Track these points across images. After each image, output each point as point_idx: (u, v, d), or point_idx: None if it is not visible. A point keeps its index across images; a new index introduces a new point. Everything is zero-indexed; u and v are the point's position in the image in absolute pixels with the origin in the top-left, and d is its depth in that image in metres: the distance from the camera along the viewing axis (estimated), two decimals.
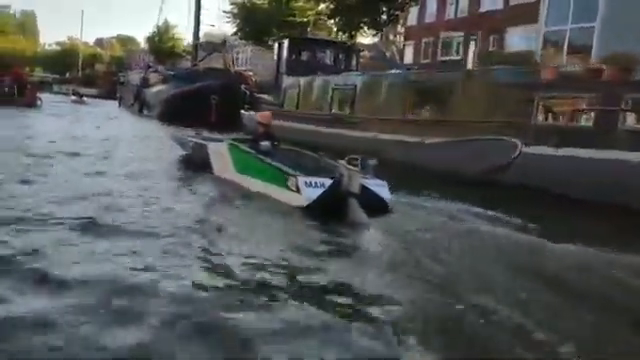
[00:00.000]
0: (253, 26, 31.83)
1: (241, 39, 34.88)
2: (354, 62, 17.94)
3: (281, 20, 30.48)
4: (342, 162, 5.02)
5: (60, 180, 5.96)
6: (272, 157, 5.73)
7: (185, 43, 57.66)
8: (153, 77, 26.01)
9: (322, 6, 28.64)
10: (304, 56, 17.20)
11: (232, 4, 32.42)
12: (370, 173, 5.38)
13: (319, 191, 4.89)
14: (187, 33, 41.98)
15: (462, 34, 33.66)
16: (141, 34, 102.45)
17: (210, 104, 18.63)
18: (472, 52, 31.98)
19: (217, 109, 18.58)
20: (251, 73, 25.35)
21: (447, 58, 32.96)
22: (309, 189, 4.93)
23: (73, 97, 34.96)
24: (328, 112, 13.60)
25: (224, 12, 32.97)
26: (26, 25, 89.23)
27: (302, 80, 15.33)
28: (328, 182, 4.92)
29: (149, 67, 29.21)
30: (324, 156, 5.83)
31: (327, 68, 16.65)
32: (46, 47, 78.45)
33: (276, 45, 18.01)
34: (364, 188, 4.93)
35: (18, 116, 16.94)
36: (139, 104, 24.56)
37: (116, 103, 34.30)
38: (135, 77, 30.91)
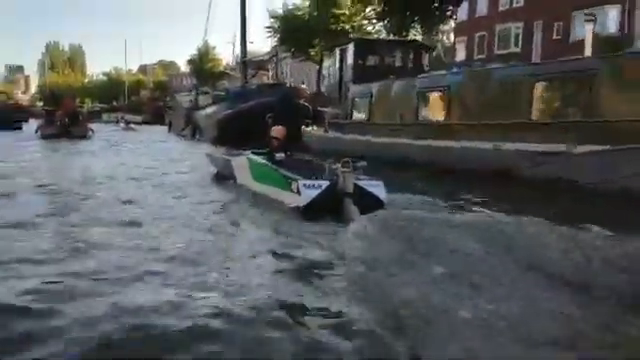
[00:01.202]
0: (294, 38, 30.77)
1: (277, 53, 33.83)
2: (426, 61, 15.79)
3: (325, 29, 29.28)
4: (337, 165, 5.59)
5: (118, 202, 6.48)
6: (284, 166, 6.41)
7: (224, 63, 57.66)
8: (203, 99, 24.83)
9: (369, 9, 27.24)
10: (370, 60, 15.21)
11: (272, 18, 31.29)
12: (361, 174, 5.78)
13: (316, 192, 5.47)
14: (225, 53, 41.45)
15: (520, 24, 31.15)
16: (180, 59, 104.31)
17: (266, 123, 17.20)
18: (535, 42, 29.61)
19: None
20: (304, 86, 23.74)
21: (505, 52, 30.50)
22: (307, 190, 5.52)
23: (122, 125, 35.54)
24: (413, 120, 11.51)
25: (265, 27, 32.00)
26: (75, 58, 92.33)
27: (374, 86, 13.32)
28: (325, 184, 5.53)
29: (197, 89, 28.45)
30: (330, 162, 6.08)
31: (397, 71, 14.57)
32: (93, 78, 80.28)
33: (337, 52, 16.13)
34: (359, 188, 5.46)
35: (72, 147, 17.37)
36: (191, 129, 23.29)
37: (162, 128, 33.73)
38: (183, 100, 29.96)
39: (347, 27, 28.97)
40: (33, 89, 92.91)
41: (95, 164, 11.74)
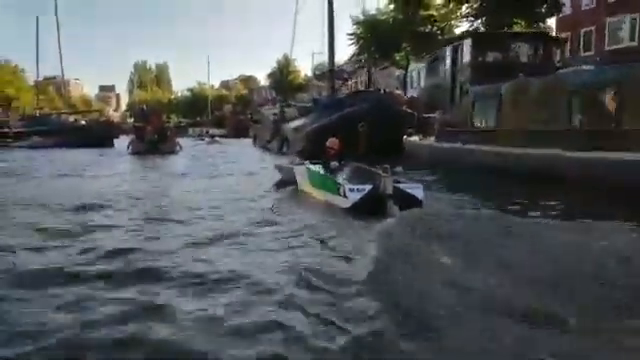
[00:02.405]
0: (378, 44, 29.09)
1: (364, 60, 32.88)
2: (557, 57, 13.28)
3: (411, 32, 27.51)
4: (379, 170, 6.25)
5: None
6: (337, 173, 7.54)
7: (302, 75, 57.24)
8: (290, 111, 23.68)
9: (465, 8, 25.02)
10: (490, 57, 13.01)
11: (355, 24, 29.89)
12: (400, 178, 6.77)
13: (359, 195, 6.22)
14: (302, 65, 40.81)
15: (637, 15, 27.42)
16: (259, 72, 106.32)
17: (358, 133, 15.63)
18: None
19: (367, 137, 15.50)
20: (399, 92, 21.86)
21: (618, 46, 26.97)
22: (352, 194, 6.27)
23: (207, 139, 36.80)
24: (565, 126, 9.22)
25: (347, 34, 30.70)
26: (161, 76, 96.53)
27: (504, 87, 11.14)
28: (368, 187, 6.23)
29: (283, 102, 27.72)
30: (378, 168, 6.43)
31: (523, 67, 12.27)
32: (178, 94, 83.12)
33: (447, 51, 14.08)
34: (399, 190, 6.17)
35: (163, 161, 18.20)
36: (278, 142, 22.13)
37: (246, 141, 33.69)
38: (268, 113, 29.15)
39: (435, 29, 27.35)
40: (123, 106, 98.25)
41: (181, 179, 12.35)
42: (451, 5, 25.75)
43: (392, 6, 29.20)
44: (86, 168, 14.90)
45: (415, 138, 14.76)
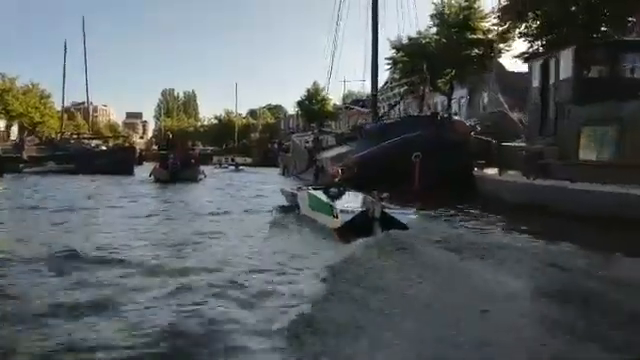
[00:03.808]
0: (419, 69, 27.03)
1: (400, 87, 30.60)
2: None
3: (456, 56, 25.51)
4: (370, 197, 7.45)
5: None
6: (335, 198, 8.03)
7: (332, 104, 55.42)
8: (327, 139, 21.28)
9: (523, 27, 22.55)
10: (594, 72, 10.29)
11: (394, 48, 27.94)
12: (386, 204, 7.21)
13: (350, 217, 6.96)
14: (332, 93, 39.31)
15: None
16: (286, 101, 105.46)
17: (413, 165, 13.06)
18: None
19: (423, 171, 12.99)
20: (458, 117, 19.24)
21: None
22: (343, 215, 7.08)
23: (231, 167, 37.23)
24: None
25: (386, 59, 28.66)
26: (188, 104, 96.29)
27: (626, 107, 8.37)
28: (358, 211, 7.06)
29: (318, 129, 25.72)
30: (371, 194, 7.55)
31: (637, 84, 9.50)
32: (205, 122, 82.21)
33: (536, 66, 11.40)
34: (385, 215, 6.79)
35: (183, 188, 18.70)
36: (314, 172, 19.54)
37: (271, 170, 32.24)
38: (300, 141, 26.82)
39: (480, 52, 25.34)
40: (150, 133, 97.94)
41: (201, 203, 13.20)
42: (507, 25, 23.37)
43: (434, 29, 27.22)
44: (85, 201, 13.57)
45: (490, 172, 11.97)
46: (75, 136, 40.70)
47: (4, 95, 42.05)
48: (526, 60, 17.42)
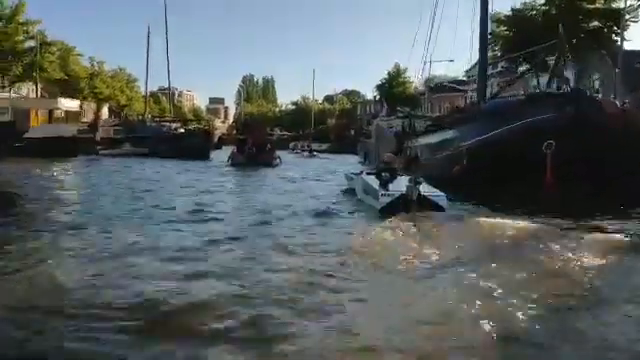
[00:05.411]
0: (522, 44, 23.98)
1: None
2: None
3: (572, 28, 22.25)
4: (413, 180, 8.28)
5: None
6: (387, 183, 9.04)
7: (413, 86, 52.39)
8: (421, 123, 18.96)
9: None
10: None
11: (496, 21, 25.11)
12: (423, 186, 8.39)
13: (389, 199, 8.30)
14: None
15: None
16: (364, 87, 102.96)
17: (544, 156, 10.30)
18: None
19: (557, 163, 9.97)
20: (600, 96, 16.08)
21: None
22: (383, 198, 8.45)
23: (306, 153, 37.50)
24: None
25: (490, 34, 25.64)
26: (267, 89, 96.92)
27: None
28: (398, 193, 8.27)
29: (409, 113, 23.63)
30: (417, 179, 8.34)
31: None
32: (283, 107, 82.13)
33: None
34: (422, 196, 8.12)
35: (257, 173, 19.28)
36: (404, 161, 17.27)
37: (348, 157, 30.63)
38: (384, 125, 24.73)
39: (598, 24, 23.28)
40: (231, 118, 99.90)
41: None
42: None
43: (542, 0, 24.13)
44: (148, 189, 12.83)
45: None
46: (157, 119, 41.31)
47: (93, 79, 43.55)
48: None
